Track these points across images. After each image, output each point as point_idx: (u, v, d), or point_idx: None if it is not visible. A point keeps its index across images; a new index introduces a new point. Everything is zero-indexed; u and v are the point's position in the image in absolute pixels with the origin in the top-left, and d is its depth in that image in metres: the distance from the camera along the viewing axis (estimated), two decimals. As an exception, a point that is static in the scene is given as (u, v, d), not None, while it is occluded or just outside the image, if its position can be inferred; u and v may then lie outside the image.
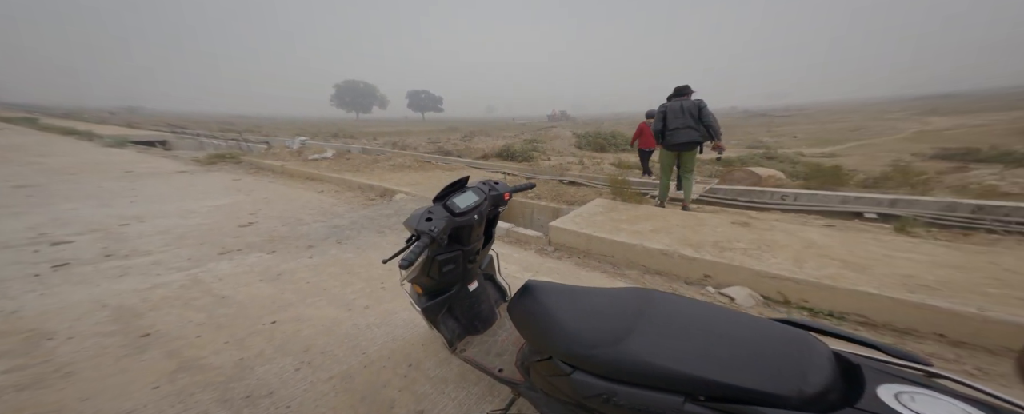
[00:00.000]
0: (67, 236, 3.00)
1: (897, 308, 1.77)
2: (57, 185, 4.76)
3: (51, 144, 9.23)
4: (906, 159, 7.63)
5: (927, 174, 4.86)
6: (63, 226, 3.24)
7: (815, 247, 2.50)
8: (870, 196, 3.92)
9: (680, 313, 0.83)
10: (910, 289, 1.85)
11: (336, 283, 2.35)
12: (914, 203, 3.63)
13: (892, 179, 4.75)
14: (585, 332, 0.81)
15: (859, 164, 7.40)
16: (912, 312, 1.74)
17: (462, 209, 1.16)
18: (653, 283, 2.42)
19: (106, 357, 1.59)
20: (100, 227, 3.26)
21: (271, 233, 3.27)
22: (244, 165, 7.08)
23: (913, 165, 6.63)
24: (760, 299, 2.15)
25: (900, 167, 5.94)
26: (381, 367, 1.60)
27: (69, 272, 2.37)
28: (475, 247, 1.31)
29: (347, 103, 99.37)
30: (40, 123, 15.11)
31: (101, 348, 1.65)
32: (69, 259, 2.55)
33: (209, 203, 4.22)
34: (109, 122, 21.66)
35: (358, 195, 4.85)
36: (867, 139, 13.76)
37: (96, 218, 3.50)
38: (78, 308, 1.96)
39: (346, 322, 1.93)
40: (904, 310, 1.76)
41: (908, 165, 6.47)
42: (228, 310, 2.00)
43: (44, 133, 11.97)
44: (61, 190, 4.51)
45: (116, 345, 1.67)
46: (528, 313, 0.94)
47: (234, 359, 1.62)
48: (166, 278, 2.33)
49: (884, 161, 7.51)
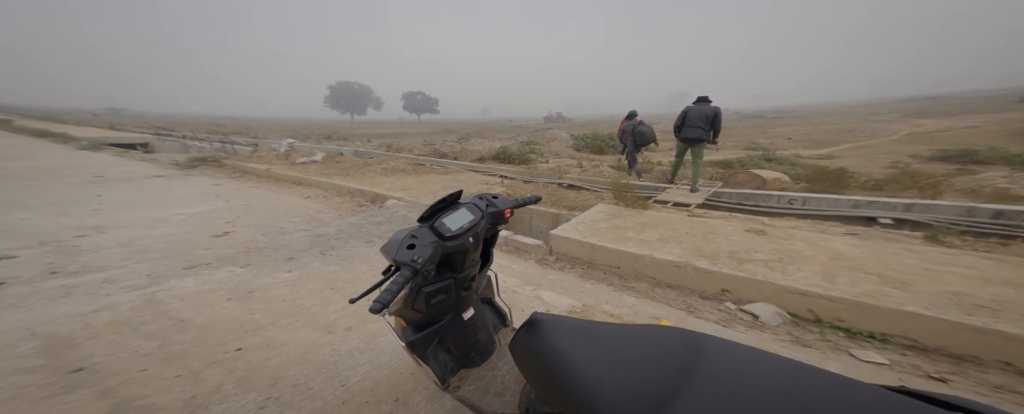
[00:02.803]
0: (10, 250, 2.67)
1: (954, 332, 1.58)
2: (14, 191, 4.38)
3: (20, 147, 8.75)
4: (905, 161, 7.60)
5: (935, 177, 4.75)
6: (8, 239, 2.91)
7: (843, 259, 2.32)
8: (884, 200, 3.77)
9: (746, 371, 0.61)
10: (966, 310, 1.66)
11: (316, 301, 2.09)
12: (931, 208, 3.48)
13: (898, 182, 4.63)
14: (612, 388, 0.61)
15: (858, 166, 7.33)
16: (973, 338, 1.54)
17: (453, 231, 0.94)
18: (663, 297, 2.22)
19: (22, 399, 1.32)
20: (51, 239, 2.93)
21: (248, 244, 2.99)
22: (227, 169, 6.74)
23: (913, 167, 6.58)
24: (787, 318, 1.96)
25: (903, 169, 5.85)
26: (363, 403, 1.36)
27: (2, 293, 2.06)
28: (470, 274, 1.07)
29: (341, 105, 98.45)
30: (14, 125, 14.45)
31: (18, 389, 1.37)
32: (5, 278, 2.24)
33: (182, 211, 3.91)
34: (91, 123, 20.92)
35: (347, 201, 4.57)
36: (861, 140, 13.87)
37: (49, 229, 3.17)
38: (2, 338, 1.67)
39: (324, 347, 1.68)
40: (963, 335, 1.57)
41: (908, 167, 6.41)
42: (185, 336, 1.72)
43: (16, 135, 11.41)
44: (17, 197, 4.15)
45: (38, 384, 1.40)
46: (537, 355, 0.73)
47: (184, 398, 1.36)
48: (116, 299, 2.04)
49: (883, 163, 7.47)
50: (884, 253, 2.41)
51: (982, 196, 3.89)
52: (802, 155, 9.70)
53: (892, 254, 2.39)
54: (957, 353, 1.59)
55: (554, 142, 13.19)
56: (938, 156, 7.90)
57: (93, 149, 9.02)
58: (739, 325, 1.91)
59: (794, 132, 18.92)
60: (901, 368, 1.57)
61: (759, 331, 1.86)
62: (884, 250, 2.47)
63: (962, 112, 24.13)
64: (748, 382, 0.58)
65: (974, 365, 1.56)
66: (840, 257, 2.35)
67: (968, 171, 6.23)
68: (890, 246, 2.55)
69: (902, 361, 1.61)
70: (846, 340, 1.78)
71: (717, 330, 1.87)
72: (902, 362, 1.61)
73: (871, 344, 1.74)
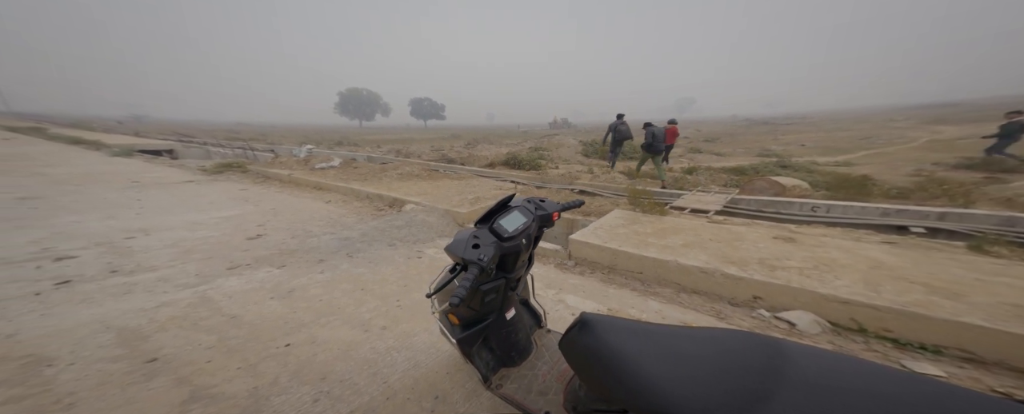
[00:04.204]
0: (71, 251, 2.88)
1: (1015, 344, 1.54)
2: (62, 197, 4.67)
3: (58, 154, 9.24)
4: (929, 169, 7.42)
5: (965, 185, 4.64)
6: (67, 240, 3.13)
7: (885, 268, 2.27)
8: (913, 209, 3.68)
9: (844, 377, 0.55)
10: None
11: (350, 301, 2.22)
12: (966, 217, 3.38)
13: (926, 190, 4.54)
14: (683, 384, 0.59)
15: (879, 173, 7.20)
16: None
17: (511, 233, 1.03)
18: (690, 302, 2.26)
19: (111, 385, 1.46)
20: (105, 241, 3.15)
21: (280, 246, 3.15)
22: (251, 174, 7.02)
23: (939, 175, 6.43)
24: (828, 326, 1.92)
25: (929, 177, 5.73)
26: (405, 400, 1.46)
27: (72, 290, 2.25)
28: (519, 274, 1.17)
29: (351, 111, 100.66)
30: (49, 133, 15.24)
31: (106, 375, 1.52)
32: (72, 276, 2.43)
33: (216, 214, 4.12)
34: (116, 131, 21.85)
35: (366, 205, 4.74)
36: (879, 148, 13.60)
37: (101, 231, 3.40)
38: (81, 330, 1.84)
39: (363, 345, 1.80)
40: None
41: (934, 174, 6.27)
42: (239, 331, 1.87)
43: (52, 143, 12.03)
44: (65, 202, 4.42)
45: (122, 371, 1.54)
46: (592, 353, 0.73)
47: (248, 387, 1.48)
48: (173, 296, 2.21)
49: (905, 171, 7.31)
50: (927, 262, 2.34)
51: (1018, 206, 3.77)
52: (818, 162, 9.58)
53: (936, 263, 2.32)
54: (1021, 367, 1.53)
55: (562, 148, 13.30)
56: (963, 164, 7.66)
57: (124, 155, 9.47)
58: (774, 333, 1.89)
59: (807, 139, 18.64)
60: (959, 381, 1.50)
61: (797, 339, 1.82)
62: (927, 259, 2.40)
63: (985, 119, 23.40)
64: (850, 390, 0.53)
65: (1042, 380, 1.52)
66: (880, 266, 2.29)
67: (998, 179, 6.07)
68: (932, 255, 2.48)
69: (959, 373, 1.55)
70: (895, 350, 1.74)
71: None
72: (960, 374, 1.54)
73: (924, 355, 1.68)
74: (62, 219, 3.72)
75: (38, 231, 3.33)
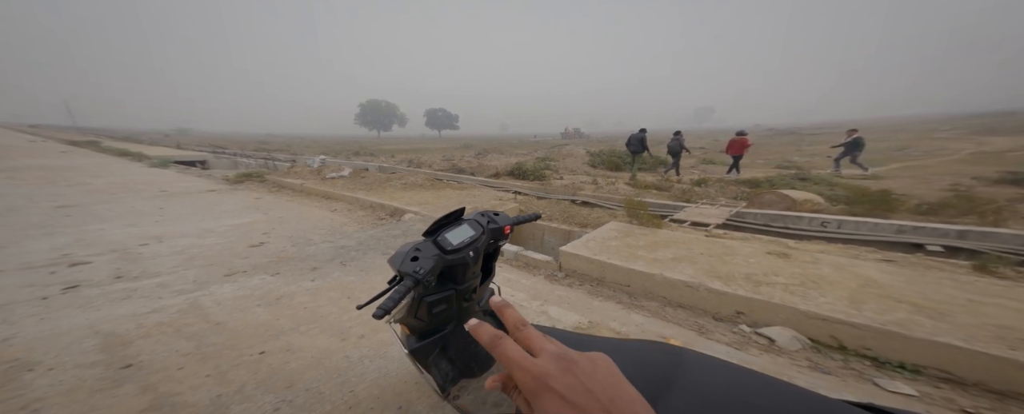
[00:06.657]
0: (87, 257, 3.09)
1: (994, 366, 1.47)
2: (95, 205, 5.05)
3: (105, 165, 10.09)
4: (967, 183, 6.81)
5: (997, 201, 4.23)
6: (87, 246, 3.36)
7: (875, 286, 2.19)
8: (932, 226, 3.44)
9: (719, 384, 0.64)
10: (1010, 345, 1.54)
11: (334, 309, 2.25)
12: (989, 236, 3.13)
13: (954, 206, 4.16)
14: None
15: (910, 187, 6.68)
16: (1016, 374, 1.42)
17: (454, 246, 1.02)
18: (674, 316, 2.17)
19: (81, 391, 1.51)
20: (120, 247, 3.36)
21: (279, 254, 3.26)
22: (268, 183, 7.38)
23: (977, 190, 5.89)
24: (807, 343, 1.86)
25: (961, 193, 5.25)
26: (367, 409, 1.45)
27: (76, 295, 2.38)
28: (471, 285, 1.15)
29: (370, 121, 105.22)
30: (102, 146, 16.74)
31: (79, 381, 1.57)
32: (81, 281, 2.59)
33: (228, 222, 4.33)
34: (161, 143, 23.71)
35: (368, 214, 4.86)
36: (914, 160, 12.70)
37: (119, 238, 3.63)
38: (70, 335, 1.92)
39: (338, 353, 1.81)
40: (1004, 371, 1.44)
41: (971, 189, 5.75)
42: (219, 338, 1.91)
43: (103, 155, 13.18)
44: (97, 210, 4.78)
45: (94, 377, 1.60)
46: None
47: (211, 396, 1.50)
48: (166, 302, 2.31)
49: (940, 185, 6.74)
50: (921, 281, 2.25)
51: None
52: (843, 175, 9.05)
53: (930, 282, 2.24)
54: (1000, 389, 1.47)
55: (570, 158, 13.25)
56: (1007, 179, 7.01)
57: (161, 166, 10.23)
58: (753, 348, 1.85)
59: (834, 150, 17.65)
60: (933, 401, 1.48)
61: (775, 355, 1.79)
62: (922, 278, 2.31)
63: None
64: (720, 394, 0.61)
65: (1017, 401, 1.42)
66: (870, 284, 2.22)
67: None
68: (930, 274, 2.38)
69: (934, 393, 1.52)
70: (872, 369, 1.69)
71: (729, 353, 1.81)
72: (934, 395, 1.52)
73: (900, 374, 1.64)
74: (89, 226, 4.01)
75: (63, 238, 3.59)
